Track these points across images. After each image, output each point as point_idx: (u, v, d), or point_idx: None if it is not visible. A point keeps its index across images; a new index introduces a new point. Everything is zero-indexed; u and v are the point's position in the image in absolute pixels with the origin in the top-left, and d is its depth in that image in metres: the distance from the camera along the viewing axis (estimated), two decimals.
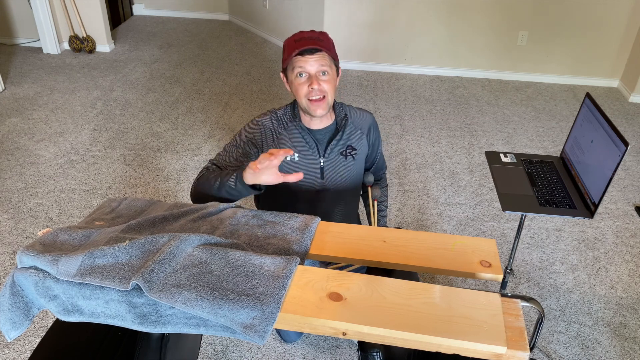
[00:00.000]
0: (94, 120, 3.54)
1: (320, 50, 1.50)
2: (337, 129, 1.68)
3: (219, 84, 4.16)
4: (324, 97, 1.55)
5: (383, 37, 4.38)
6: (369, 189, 1.65)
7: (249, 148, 1.62)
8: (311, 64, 1.51)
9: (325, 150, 1.66)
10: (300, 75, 1.53)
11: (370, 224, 1.81)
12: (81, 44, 4.59)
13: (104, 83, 4.09)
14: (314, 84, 1.51)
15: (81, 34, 4.60)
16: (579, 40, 4.22)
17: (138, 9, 5.77)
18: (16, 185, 2.83)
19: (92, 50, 4.64)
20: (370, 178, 1.69)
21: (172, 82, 4.16)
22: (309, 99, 1.54)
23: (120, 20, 5.47)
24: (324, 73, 1.53)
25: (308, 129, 1.65)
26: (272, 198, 1.75)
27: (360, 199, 1.94)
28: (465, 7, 4.17)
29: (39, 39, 4.57)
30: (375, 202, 1.65)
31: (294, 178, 1.25)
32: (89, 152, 3.17)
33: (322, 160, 1.67)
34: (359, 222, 1.99)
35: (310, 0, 4.34)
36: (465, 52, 4.39)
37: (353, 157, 1.71)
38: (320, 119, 1.64)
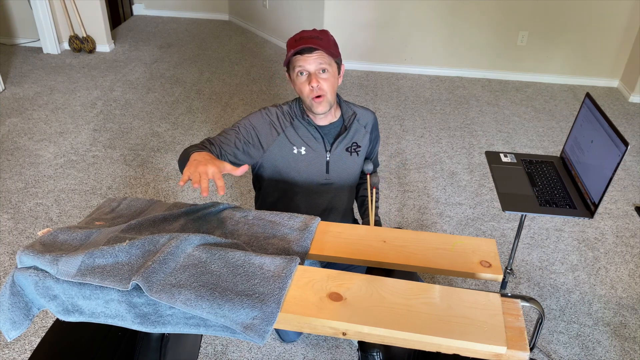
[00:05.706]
0: (94, 120, 3.54)
1: (318, 49, 1.52)
2: (345, 125, 1.71)
3: (219, 84, 4.16)
4: (322, 95, 1.58)
5: (383, 37, 4.38)
6: (368, 176, 1.69)
7: (248, 135, 1.62)
8: (310, 62, 1.54)
9: (332, 145, 1.70)
10: (301, 74, 1.57)
11: (366, 212, 1.82)
12: (81, 44, 4.59)
13: (104, 83, 4.09)
14: (313, 82, 1.54)
15: (81, 34, 4.60)
16: (579, 40, 4.22)
17: (138, 9, 5.77)
18: (16, 185, 2.83)
19: (92, 50, 4.64)
20: (370, 166, 1.75)
21: (172, 82, 4.16)
22: (312, 98, 1.58)
23: (120, 20, 5.47)
24: (323, 71, 1.56)
25: (315, 124, 1.68)
26: (273, 188, 1.77)
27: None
28: (465, 7, 4.16)
29: (39, 39, 4.57)
30: (374, 190, 1.68)
31: (240, 172, 1.24)
32: (89, 152, 3.17)
33: (328, 155, 1.70)
34: (354, 218, 2.01)
35: (310, 0, 4.34)
36: (465, 52, 4.39)
37: (357, 154, 1.75)
38: (325, 116, 1.67)
